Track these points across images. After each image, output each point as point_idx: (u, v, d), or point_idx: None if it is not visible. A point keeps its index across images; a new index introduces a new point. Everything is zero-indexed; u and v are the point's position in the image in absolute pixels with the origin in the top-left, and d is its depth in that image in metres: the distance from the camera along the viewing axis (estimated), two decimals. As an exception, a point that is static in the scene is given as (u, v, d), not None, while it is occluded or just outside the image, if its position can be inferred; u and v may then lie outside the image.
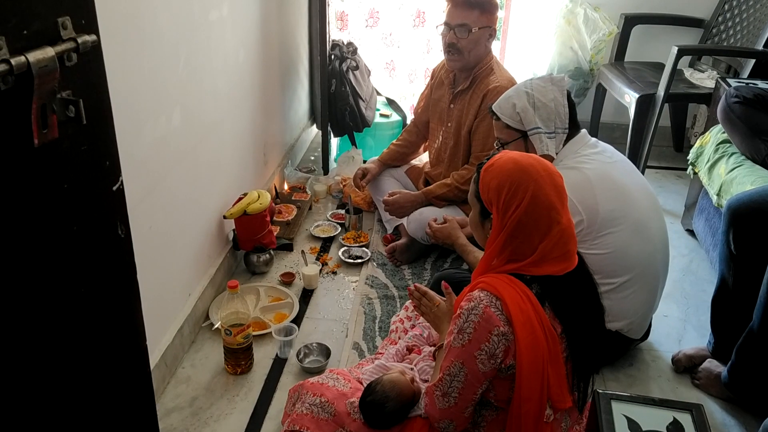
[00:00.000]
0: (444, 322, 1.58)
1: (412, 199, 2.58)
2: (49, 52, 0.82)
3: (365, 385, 1.59)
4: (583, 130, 1.92)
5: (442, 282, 1.65)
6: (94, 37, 0.91)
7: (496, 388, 1.37)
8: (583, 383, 1.43)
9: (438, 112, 2.66)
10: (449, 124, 2.59)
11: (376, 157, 2.91)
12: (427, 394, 1.40)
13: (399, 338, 1.88)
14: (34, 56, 0.79)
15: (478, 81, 2.48)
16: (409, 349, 1.77)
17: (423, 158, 3.09)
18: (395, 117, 3.55)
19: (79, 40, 0.87)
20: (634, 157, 3.13)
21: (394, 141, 2.92)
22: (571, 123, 1.87)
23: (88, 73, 0.94)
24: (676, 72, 2.94)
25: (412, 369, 1.62)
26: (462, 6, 2.39)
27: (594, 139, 1.94)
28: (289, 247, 2.60)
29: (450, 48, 2.45)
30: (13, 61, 0.77)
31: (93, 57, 0.94)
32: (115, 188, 1.06)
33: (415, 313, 1.94)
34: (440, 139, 2.67)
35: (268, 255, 2.42)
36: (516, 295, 1.31)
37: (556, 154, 1.86)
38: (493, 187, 1.37)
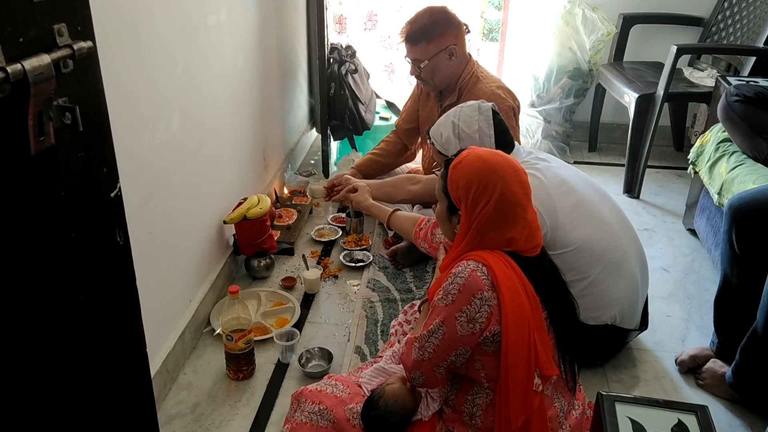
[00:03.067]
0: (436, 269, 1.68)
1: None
2: (45, 59, 0.81)
3: (364, 389, 1.59)
4: (516, 145, 1.96)
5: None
6: (90, 43, 0.90)
7: (485, 366, 1.39)
8: (568, 355, 1.46)
9: (429, 125, 2.65)
10: None
11: (353, 168, 2.82)
12: (407, 343, 1.47)
13: (398, 341, 1.87)
14: (30, 64, 0.79)
15: (465, 92, 2.47)
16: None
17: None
18: (395, 120, 3.54)
19: (75, 47, 0.87)
20: (635, 156, 3.13)
21: (372, 149, 2.86)
22: (502, 147, 1.88)
23: (84, 79, 0.94)
24: (675, 71, 2.94)
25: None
26: (409, 43, 2.45)
27: (526, 149, 1.99)
28: (289, 252, 2.59)
29: (416, 78, 2.53)
30: (9, 68, 0.76)
31: (89, 63, 0.94)
32: (113, 195, 1.05)
33: (414, 316, 1.94)
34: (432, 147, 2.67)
35: (268, 260, 2.41)
36: (501, 263, 1.37)
37: None
38: (461, 185, 1.41)
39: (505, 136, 1.92)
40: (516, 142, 1.99)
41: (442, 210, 1.53)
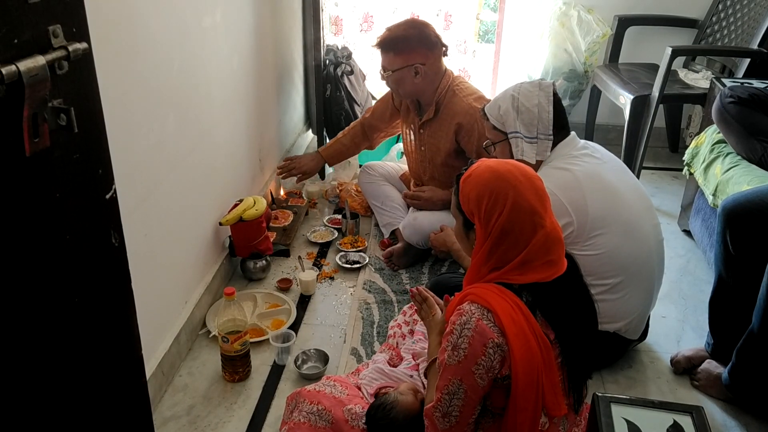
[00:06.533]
0: (433, 333, 1.55)
1: (444, 198, 2.55)
2: (40, 60, 0.81)
3: (364, 390, 1.59)
4: (573, 133, 1.92)
5: (445, 295, 1.61)
6: (85, 44, 0.90)
7: (492, 397, 1.35)
8: (578, 387, 1.42)
9: (410, 134, 2.65)
10: (423, 149, 2.59)
11: (315, 152, 2.91)
12: (427, 416, 1.36)
13: (396, 344, 1.87)
14: (24, 65, 0.78)
15: (442, 107, 2.46)
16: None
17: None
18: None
19: (70, 48, 0.87)
20: (630, 158, 3.13)
21: (339, 136, 2.88)
22: (558, 127, 1.87)
23: (79, 81, 0.93)
24: (670, 73, 2.95)
25: (411, 376, 1.62)
26: (380, 48, 2.45)
27: (583, 141, 1.94)
28: (285, 253, 2.59)
29: (385, 83, 2.52)
30: (3, 70, 0.76)
31: (84, 65, 0.94)
32: (108, 196, 1.05)
33: (413, 317, 1.93)
34: (416, 158, 2.66)
35: (264, 261, 2.41)
36: (507, 305, 1.29)
37: (541, 159, 1.87)
38: (472, 197, 1.36)
39: (562, 117, 1.88)
40: (572, 132, 1.93)
41: (458, 228, 1.47)
